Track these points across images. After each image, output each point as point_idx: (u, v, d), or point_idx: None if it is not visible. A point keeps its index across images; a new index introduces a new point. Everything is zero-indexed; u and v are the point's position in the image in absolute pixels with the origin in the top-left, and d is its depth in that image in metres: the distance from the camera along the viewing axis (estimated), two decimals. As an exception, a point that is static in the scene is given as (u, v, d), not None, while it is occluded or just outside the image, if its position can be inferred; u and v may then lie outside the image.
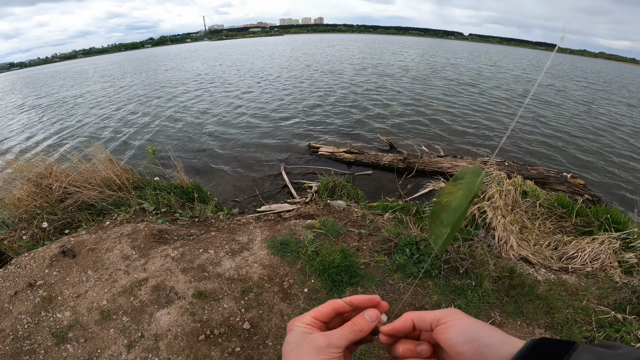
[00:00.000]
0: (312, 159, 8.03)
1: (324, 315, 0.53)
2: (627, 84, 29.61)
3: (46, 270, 3.14)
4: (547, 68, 7.25)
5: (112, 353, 2.51)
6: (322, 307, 0.53)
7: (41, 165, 4.86)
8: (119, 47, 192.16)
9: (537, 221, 4.76)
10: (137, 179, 5.06)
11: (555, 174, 6.38)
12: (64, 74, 40.37)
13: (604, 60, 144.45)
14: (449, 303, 2.95)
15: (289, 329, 0.52)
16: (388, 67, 26.87)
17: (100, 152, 5.22)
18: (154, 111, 13.65)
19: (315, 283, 3.14)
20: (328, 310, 0.53)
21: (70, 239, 3.62)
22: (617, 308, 2.91)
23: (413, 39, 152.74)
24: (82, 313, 2.77)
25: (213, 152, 8.80)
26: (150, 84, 22.28)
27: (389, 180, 6.91)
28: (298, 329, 0.51)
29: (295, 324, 0.52)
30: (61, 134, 11.55)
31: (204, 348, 2.55)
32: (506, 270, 3.28)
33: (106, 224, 4.09)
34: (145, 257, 3.33)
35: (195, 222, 4.34)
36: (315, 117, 11.60)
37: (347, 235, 3.84)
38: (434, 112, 12.35)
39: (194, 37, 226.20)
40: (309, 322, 0.52)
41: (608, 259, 3.86)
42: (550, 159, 8.53)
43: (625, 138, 10.86)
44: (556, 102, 16.10)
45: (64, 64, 79.81)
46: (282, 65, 29.67)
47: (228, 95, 16.30)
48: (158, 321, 2.72)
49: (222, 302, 2.90)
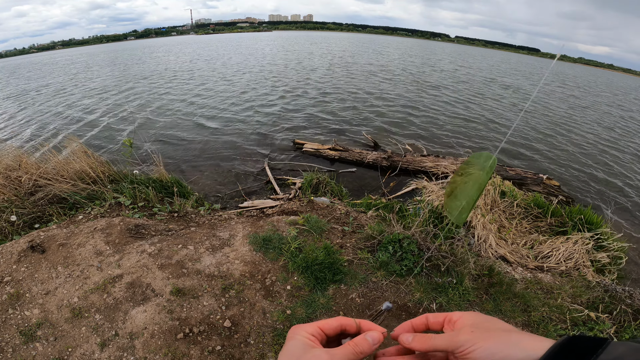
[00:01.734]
0: (296, 155, 7.98)
1: (331, 329, 0.52)
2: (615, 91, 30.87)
3: (14, 266, 2.97)
4: (546, 77, 7.38)
5: (84, 352, 2.40)
6: (331, 320, 0.52)
7: (10, 156, 4.60)
8: (100, 39, 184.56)
9: (515, 221, 4.90)
10: (113, 172, 4.86)
11: (532, 175, 6.58)
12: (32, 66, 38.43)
13: (582, 66, 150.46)
14: (430, 301, 2.99)
15: (291, 336, 0.50)
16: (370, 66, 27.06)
17: (74, 144, 4.99)
18: (135, 102, 13.26)
19: (298, 280, 3.11)
20: (336, 324, 0.52)
21: (40, 233, 3.44)
22: (590, 307, 3.02)
23: (400, 39, 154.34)
24: (52, 311, 2.64)
25: (195, 146, 8.59)
26: (130, 76, 21.57)
27: (372, 178, 6.94)
28: (300, 338, 0.49)
29: (299, 333, 0.50)
30: (31, 124, 11.02)
31: (182, 346, 2.48)
32: (485, 268, 3.35)
33: (79, 218, 3.91)
34: (120, 253, 3.20)
35: (175, 217, 4.21)
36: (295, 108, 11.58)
37: (331, 232, 3.82)
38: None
39: (180, 30, 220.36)
40: (313, 332, 0.50)
41: (581, 258, 4.02)
42: (528, 160, 8.80)
43: (597, 140, 11.35)
44: (539, 106, 16.63)
45: (40, 55, 76.33)
46: (277, 60, 29.37)
47: (212, 89, 15.99)
48: (133, 319, 2.61)
49: (202, 299, 2.82)
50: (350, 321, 0.53)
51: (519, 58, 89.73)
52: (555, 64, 2.10)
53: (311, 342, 0.49)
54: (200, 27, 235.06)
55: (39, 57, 63.57)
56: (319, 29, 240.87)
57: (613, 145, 11.14)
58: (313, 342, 0.49)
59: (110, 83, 18.68)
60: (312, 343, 0.49)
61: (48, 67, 31.50)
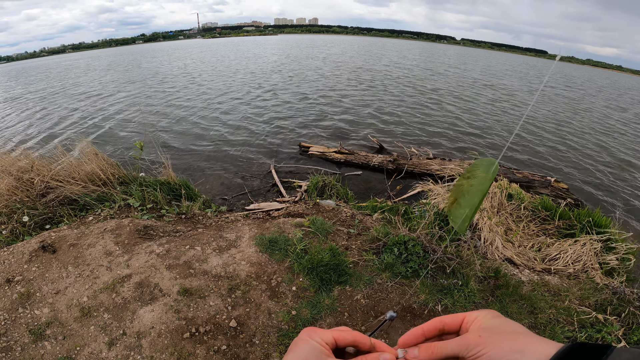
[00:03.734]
0: (302, 158, 8.01)
1: (345, 342, 0.52)
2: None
3: (25, 265, 3.04)
4: (548, 78, 7.34)
5: (92, 350, 2.44)
6: (346, 334, 0.52)
7: (23, 159, 4.71)
8: (109, 42, 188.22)
9: (522, 223, 4.86)
10: (123, 174, 4.94)
11: (540, 178, 6.52)
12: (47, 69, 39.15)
13: (590, 67, 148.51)
14: (436, 302, 2.98)
15: (305, 338, 0.50)
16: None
17: (84, 146, 5.09)
18: (143, 106, 13.46)
19: (303, 281, 3.12)
20: (350, 338, 0.52)
21: (51, 234, 3.51)
22: (598, 309, 2.98)
23: (406, 41, 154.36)
24: (61, 310, 2.69)
25: (203, 149, 8.69)
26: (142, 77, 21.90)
27: (378, 180, 6.94)
28: (315, 345, 0.49)
29: (314, 338, 0.50)
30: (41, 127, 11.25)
31: (188, 346, 2.51)
32: (491, 270, 3.33)
33: (89, 219, 3.98)
34: (129, 253, 3.25)
35: (182, 218, 4.27)
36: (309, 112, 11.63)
37: (336, 234, 3.83)
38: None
39: (187, 34, 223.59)
40: (329, 341, 0.50)
41: (589, 260, 3.97)
42: (535, 164, 8.71)
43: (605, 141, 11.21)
44: (546, 108, 16.49)
45: (51, 58, 78.28)
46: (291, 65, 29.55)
47: (218, 94, 16.15)
48: (141, 318, 2.65)
49: (208, 299, 2.85)
50: (365, 339, 0.52)
51: (529, 60, 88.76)
52: (563, 66, 2.09)
53: (327, 351, 0.49)
54: (207, 31, 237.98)
55: (56, 59, 64.76)
56: (324, 32, 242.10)
57: (621, 147, 10.99)
58: (329, 352, 0.49)
59: (125, 85, 18.97)
60: (327, 352, 0.48)
61: (74, 71, 31.89)
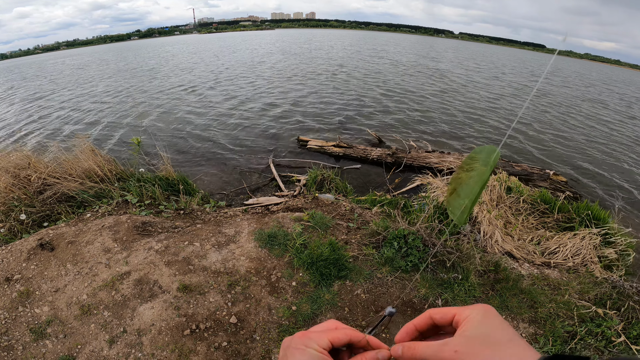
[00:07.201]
0: (301, 152, 7.97)
1: (340, 343, 0.51)
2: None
3: (23, 264, 3.02)
4: (547, 72, 7.28)
5: (93, 349, 2.43)
6: (341, 335, 0.51)
7: (19, 156, 4.67)
8: (104, 39, 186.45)
9: (521, 217, 4.86)
10: (120, 170, 4.91)
11: (539, 171, 6.52)
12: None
13: (588, 61, 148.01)
14: (436, 297, 2.98)
15: (301, 348, 0.48)
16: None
17: (82, 142, 5.04)
18: (140, 102, 13.35)
19: (303, 276, 3.12)
20: (345, 338, 0.51)
21: (49, 231, 3.49)
22: (597, 303, 2.99)
23: (404, 35, 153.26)
24: (61, 308, 2.68)
25: (201, 144, 8.63)
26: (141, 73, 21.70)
27: (377, 174, 6.92)
28: (313, 354, 0.48)
29: (312, 345, 0.48)
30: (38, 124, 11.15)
31: (189, 343, 2.50)
32: (491, 264, 3.33)
33: (87, 216, 3.96)
34: (127, 250, 3.24)
35: (181, 214, 4.25)
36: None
37: (336, 229, 3.82)
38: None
39: (183, 29, 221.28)
40: (325, 346, 0.49)
41: (589, 254, 3.97)
42: (534, 156, 8.71)
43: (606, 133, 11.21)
44: (541, 102, 16.46)
45: (45, 55, 77.40)
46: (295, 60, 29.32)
47: (216, 87, 16.03)
48: (141, 316, 2.65)
49: (208, 295, 2.85)
50: (359, 336, 0.52)
51: (530, 55, 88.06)
52: (562, 60, 2.06)
53: (326, 357, 0.48)
54: (203, 26, 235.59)
55: (56, 55, 63.93)
56: (322, 27, 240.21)
57: (622, 140, 10.99)
58: (328, 358, 0.48)
59: (123, 82, 18.80)
60: (327, 358, 0.48)
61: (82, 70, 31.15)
